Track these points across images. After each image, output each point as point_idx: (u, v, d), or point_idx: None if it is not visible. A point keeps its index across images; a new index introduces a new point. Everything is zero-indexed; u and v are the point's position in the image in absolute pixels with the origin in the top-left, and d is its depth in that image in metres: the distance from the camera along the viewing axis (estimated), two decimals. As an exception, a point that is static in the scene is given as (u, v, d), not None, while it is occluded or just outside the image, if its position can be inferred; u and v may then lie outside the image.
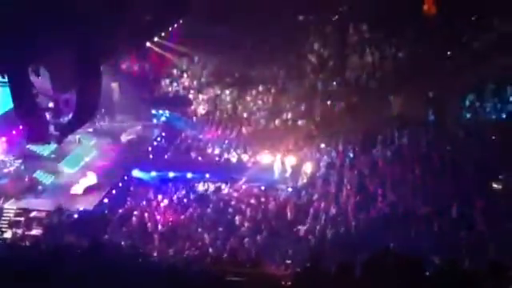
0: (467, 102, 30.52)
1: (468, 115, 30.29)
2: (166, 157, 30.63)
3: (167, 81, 36.18)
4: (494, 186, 23.90)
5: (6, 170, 26.78)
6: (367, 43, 33.91)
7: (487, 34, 31.53)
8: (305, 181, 26.73)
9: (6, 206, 25.33)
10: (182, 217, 24.15)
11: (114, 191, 26.50)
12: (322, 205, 23.83)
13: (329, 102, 32.79)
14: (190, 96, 35.37)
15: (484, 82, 30.53)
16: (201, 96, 35.02)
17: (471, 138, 27.79)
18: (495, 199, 22.79)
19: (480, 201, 22.27)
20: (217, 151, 30.36)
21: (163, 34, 33.26)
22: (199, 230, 23.03)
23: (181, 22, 34.12)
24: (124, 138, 31.93)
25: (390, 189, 24.44)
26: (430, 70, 31.72)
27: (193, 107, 34.71)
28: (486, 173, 24.47)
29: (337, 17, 35.49)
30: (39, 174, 27.62)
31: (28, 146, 28.20)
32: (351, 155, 27.84)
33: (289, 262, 19.64)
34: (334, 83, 33.42)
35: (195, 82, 35.66)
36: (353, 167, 26.80)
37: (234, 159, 29.54)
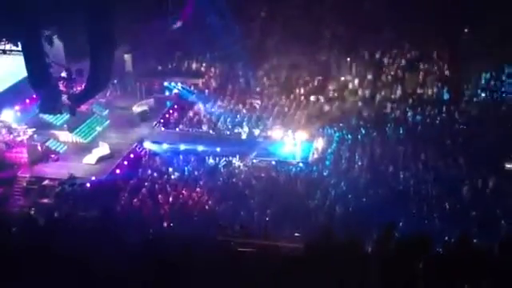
0: (483, 81, 30.08)
1: (483, 94, 29.86)
2: (177, 129, 30.65)
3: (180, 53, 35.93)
4: (508, 166, 23.70)
5: (19, 139, 26.95)
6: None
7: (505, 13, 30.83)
8: (316, 156, 26.68)
9: (19, 173, 25.59)
10: (195, 189, 24.24)
11: (125, 162, 26.65)
12: (333, 181, 23.81)
13: (342, 78, 32.54)
14: (203, 69, 35.18)
15: (501, 61, 30.05)
16: (213, 69, 34.83)
17: (485, 117, 27.46)
18: (508, 179, 22.61)
19: (492, 180, 22.13)
20: (228, 125, 30.32)
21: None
22: (209, 202, 23.17)
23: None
24: (136, 109, 31.95)
25: (401, 167, 24.33)
26: (445, 47, 31.23)
27: (205, 80, 34.55)
28: (499, 153, 24.24)
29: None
30: (52, 143, 27.79)
31: (41, 115, 28.30)
32: (363, 132, 27.64)
33: (298, 235, 19.73)
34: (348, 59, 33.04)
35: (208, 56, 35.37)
36: (364, 144, 26.66)
37: (245, 133, 29.49)
